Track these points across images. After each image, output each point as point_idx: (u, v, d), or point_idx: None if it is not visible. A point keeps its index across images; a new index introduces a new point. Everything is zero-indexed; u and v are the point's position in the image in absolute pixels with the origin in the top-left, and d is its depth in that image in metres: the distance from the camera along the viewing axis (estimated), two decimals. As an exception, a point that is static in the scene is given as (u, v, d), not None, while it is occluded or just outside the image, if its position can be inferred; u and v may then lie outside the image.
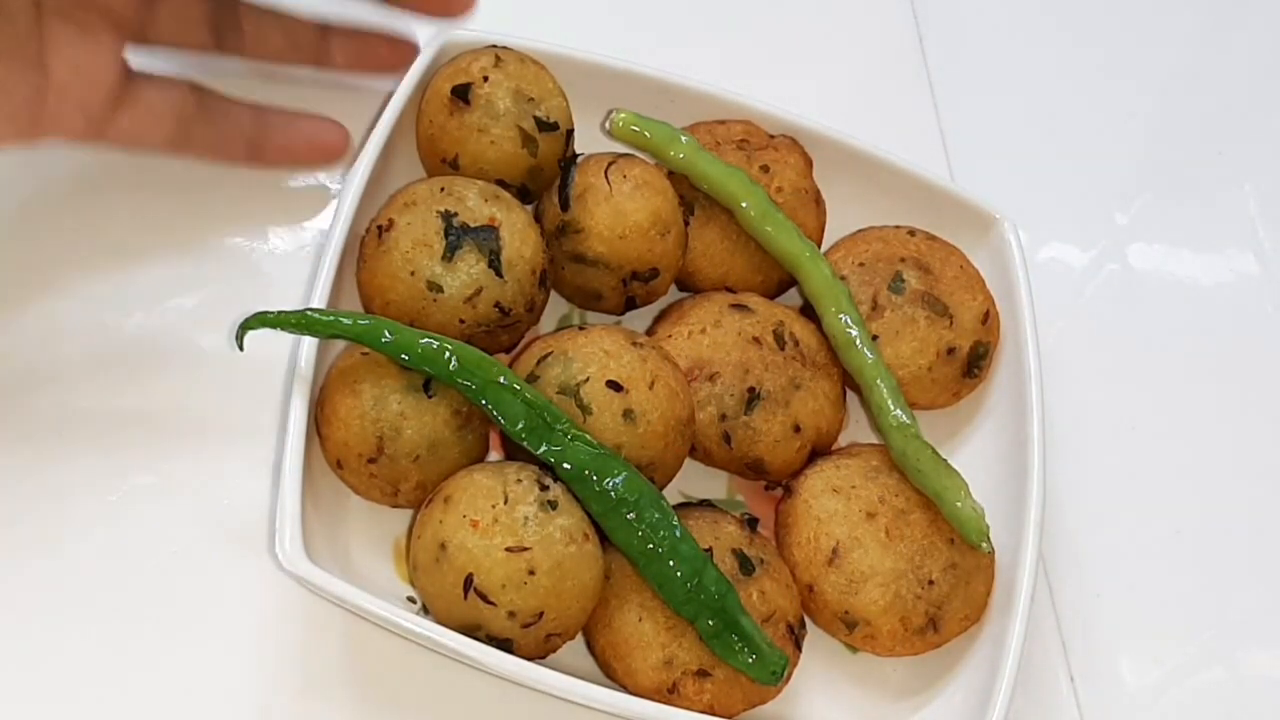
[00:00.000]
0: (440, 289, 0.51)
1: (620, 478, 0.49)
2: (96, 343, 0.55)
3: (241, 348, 0.49)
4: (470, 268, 0.52)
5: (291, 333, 0.50)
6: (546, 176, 0.57)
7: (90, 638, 0.50)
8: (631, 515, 0.49)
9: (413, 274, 0.51)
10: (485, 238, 0.52)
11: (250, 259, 0.58)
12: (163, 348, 0.56)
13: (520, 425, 0.49)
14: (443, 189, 0.53)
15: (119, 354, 0.55)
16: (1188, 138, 0.75)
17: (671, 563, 0.49)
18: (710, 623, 0.49)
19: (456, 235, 0.52)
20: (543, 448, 0.49)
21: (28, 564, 0.51)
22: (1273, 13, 0.80)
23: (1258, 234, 0.72)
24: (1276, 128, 0.76)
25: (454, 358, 0.49)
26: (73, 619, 0.50)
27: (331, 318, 0.50)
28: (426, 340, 0.49)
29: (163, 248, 0.58)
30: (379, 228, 0.53)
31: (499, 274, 0.52)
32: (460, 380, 0.49)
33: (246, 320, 0.49)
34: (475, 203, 0.53)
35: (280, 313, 0.50)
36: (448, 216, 0.52)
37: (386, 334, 0.49)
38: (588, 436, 0.49)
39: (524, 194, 0.57)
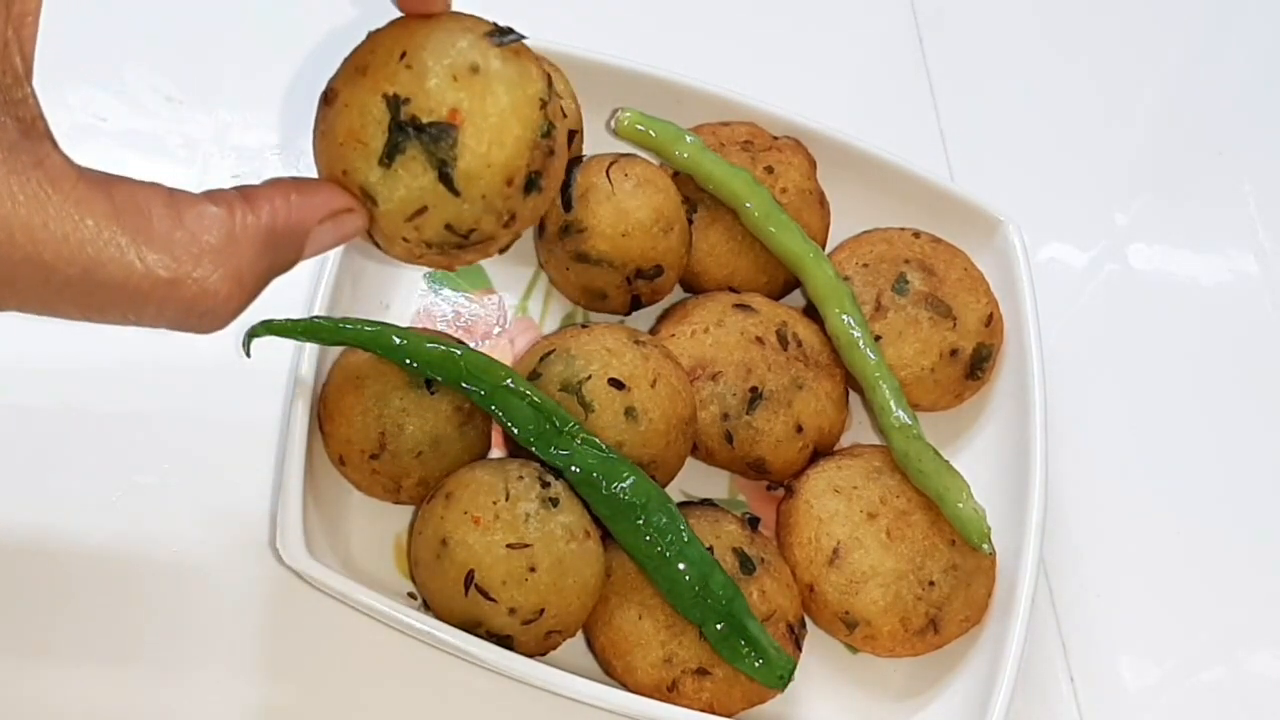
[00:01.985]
0: (375, 202, 0.39)
1: (628, 481, 0.49)
2: (97, 342, 0.55)
3: (249, 355, 0.49)
4: (413, 179, 0.39)
5: (298, 340, 0.50)
6: None
7: (91, 636, 0.50)
8: (640, 520, 0.49)
9: (345, 174, 0.39)
10: (437, 140, 0.38)
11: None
12: (163, 347, 0.55)
13: (529, 431, 0.49)
14: (404, 55, 0.39)
15: (119, 354, 0.55)
16: (1188, 138, 0.75)
17: (680, 566, 0.49)
18: (719, 627, 0.49)
19: (401, 133, 0.38)
20: (551, 452, 0.49)
21: (28, 563, 0.51)
22: (1273, 13, 0.80)
23: (1258, 234, 0.72)
24: (1276, 128, 0.76)
25: (462, 364, 0.49)
26: (73, 617, 0.50)
27: (337, 325, 0.50)
28: (433, 345, 0.49)
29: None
30: (324, 96, 0.40)
31: (452, 190, 0.39)
32: (468, 386, 0.49)
33: (253, 328, 0.49)
34: (438, 84, 0.38)
35: (287, 321, 0.49)
36: (395, 104, 0.38)
37: (394, 340, 0.49)
38: (596, 440, 0.49)
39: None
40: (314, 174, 0.40)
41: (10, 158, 0.32)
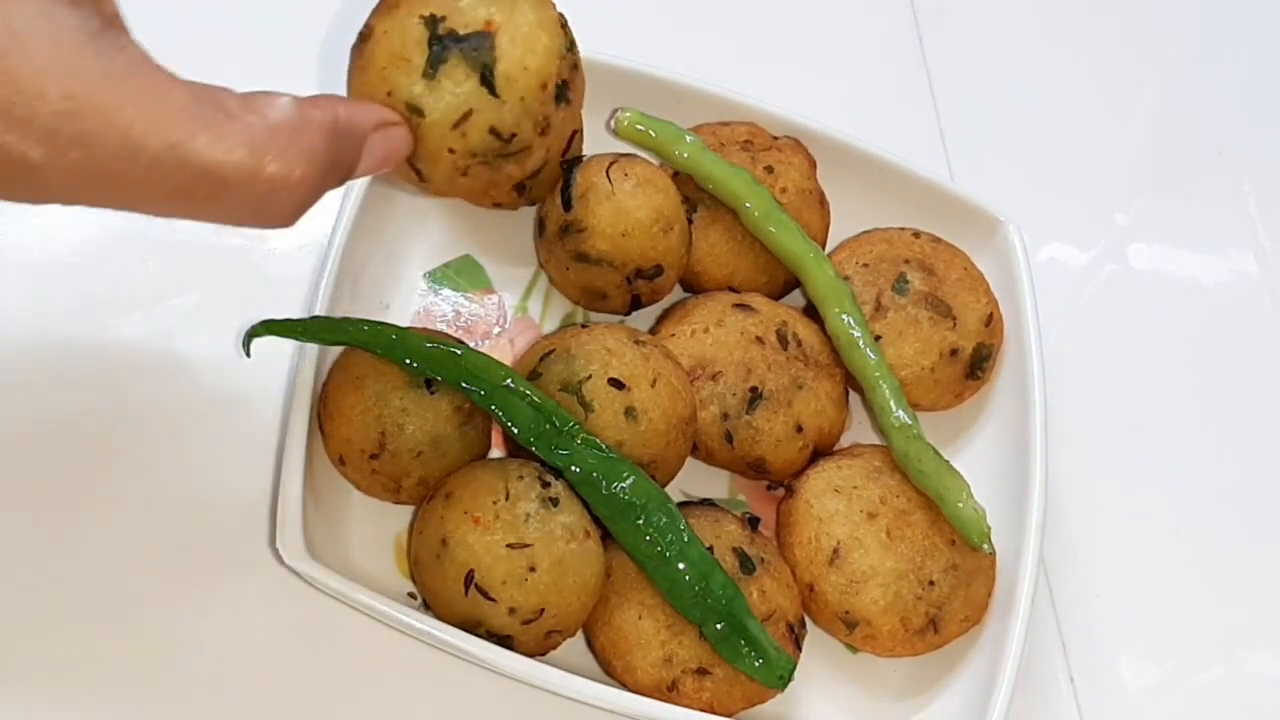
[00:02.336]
0: (421, 113, 0.43)
1: (628, 481, 0.49)
2: (96, 343, 0.55)
3: (249, 355, 0.49)
4: (456, 86, 0.43)
5: (298, 340, 0.50)
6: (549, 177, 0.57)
7: (91, 636, 0.50)
8: (640, 520, 0.49)
9: (390, 95, 0.43)
10: (476, 47, 0.43)
11: (250, 259, 0.58)
12: (163, 348, 0.56)
13: (529, 431, 0.49)
14: None
15: (119, 354, 0.55)
16: (1188, 138, 0.75)
17: (680, 566, 0.49)
18: (718, 627, 0.49)
19: (441, 45, 0.43)
20: (551, 452, 0.49)
21: (28, 563, 0.51)
22: (1273, 13, 0.80)
23: (1258, 234, 0.72)
24: (1276, 128, 0.76)
25: (462, 364, 0.49)
26: (73, 618, 0.50)
27: (337, 325, 0.50)
28: (433, 345, 0.49)
29: (163, 247, 0.58)
30: (360, 35, 0.45)
31: (493, 92, 0.43)
32: (468, 386, 0.49)
33: (253, 328, 0.49)
34: (470, 1, 0.43)
35: (286, 320, 0.49)
36: (433, 22, 0.43)
37: (393, 339, 0.49)
38: (596, 440, 0.49)
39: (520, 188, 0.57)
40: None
41: (96, 45, 0.35)
